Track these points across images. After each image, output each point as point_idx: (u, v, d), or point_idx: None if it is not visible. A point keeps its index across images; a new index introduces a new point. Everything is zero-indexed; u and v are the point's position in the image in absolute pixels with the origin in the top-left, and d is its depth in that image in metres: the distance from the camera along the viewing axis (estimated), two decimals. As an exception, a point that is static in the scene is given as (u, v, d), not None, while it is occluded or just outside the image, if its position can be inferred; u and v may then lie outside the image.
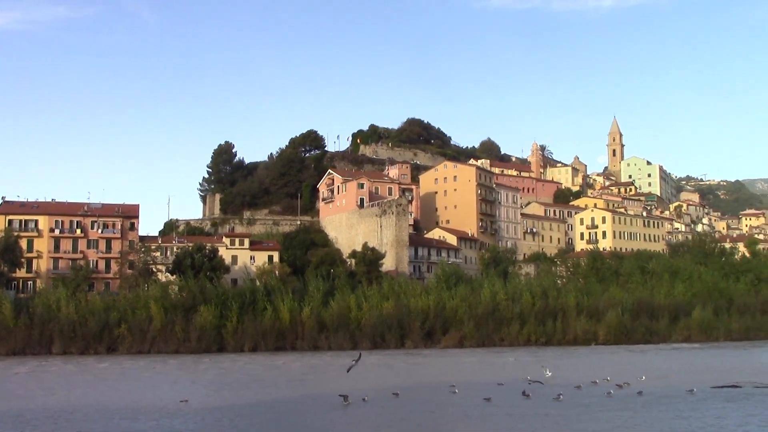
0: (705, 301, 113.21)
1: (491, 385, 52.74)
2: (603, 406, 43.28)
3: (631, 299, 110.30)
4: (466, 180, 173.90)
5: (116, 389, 55.81)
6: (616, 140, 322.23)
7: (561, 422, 38.57)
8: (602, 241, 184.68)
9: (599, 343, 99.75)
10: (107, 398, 49.38)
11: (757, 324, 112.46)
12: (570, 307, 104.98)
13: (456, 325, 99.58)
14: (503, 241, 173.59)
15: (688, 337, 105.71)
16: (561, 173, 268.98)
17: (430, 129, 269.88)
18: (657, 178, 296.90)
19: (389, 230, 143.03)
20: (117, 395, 51.56)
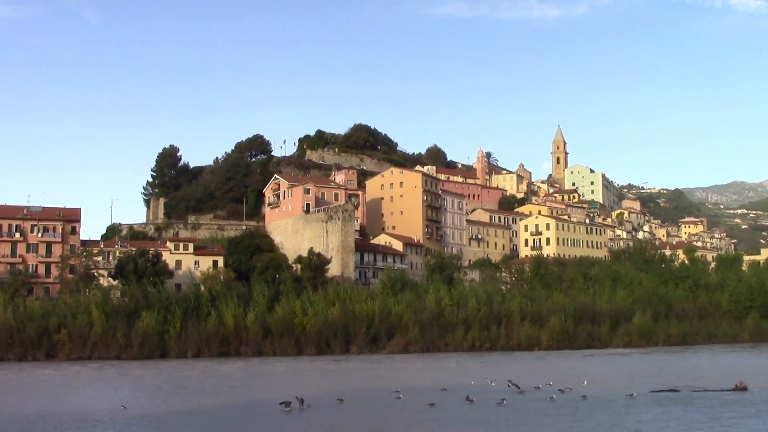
0: (645, 306, 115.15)
1: (435, 390, 52.93)
2: (545, 411, 43.73)
3: (573, 305, 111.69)
4: (412, 186, 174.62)
5: (54, 396, 54.62)
6: (560, 148, 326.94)
7: (503, 427, 38.89)
8: (546, 248, 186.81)
9: (542, 348, 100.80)
10: (44, 406, 48.28)
11: (694, 329, 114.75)
12: (514, 313, 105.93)
13: (401, 331, 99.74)
14: (449, 247, 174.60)
15: (629, 342, 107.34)
16: (506, 180, 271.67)
17: (376, 135, 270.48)
18: (600, 186, 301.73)
19: (335, 236, 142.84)
20: (55, 402, 50.45)
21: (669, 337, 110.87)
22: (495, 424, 39.60)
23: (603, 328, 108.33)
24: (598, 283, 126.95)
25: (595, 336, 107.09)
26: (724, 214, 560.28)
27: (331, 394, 50.63)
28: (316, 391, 54.76)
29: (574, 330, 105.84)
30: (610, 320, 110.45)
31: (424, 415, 42.77)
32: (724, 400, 48.49)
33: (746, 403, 47.06)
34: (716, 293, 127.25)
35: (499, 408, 44.77)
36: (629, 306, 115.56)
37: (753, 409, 44.55)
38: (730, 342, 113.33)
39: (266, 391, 56.24)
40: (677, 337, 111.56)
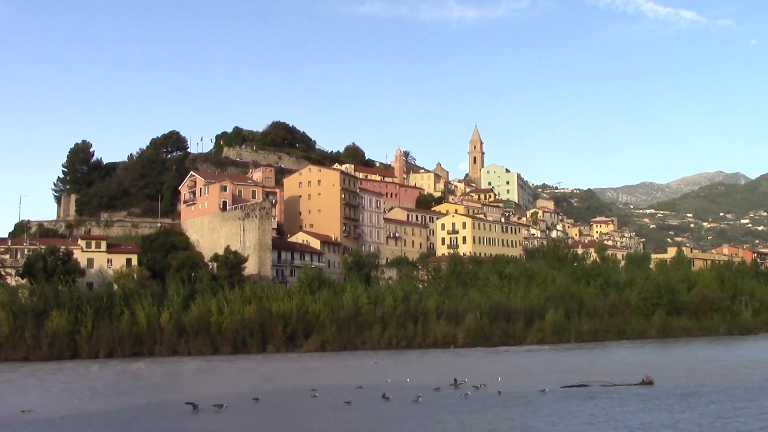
0: (558, 304, 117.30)
1: (352, 388, 53.07)
2: (460, 407, 44.31)
3: (489, 303, 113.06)
4: (330, 184, 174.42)
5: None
6: (476, 148, 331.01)
7: (419, 424, 39.25)
8: (462, 246, 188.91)
9: (458, 345, 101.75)
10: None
11: (605, 326, 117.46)
12: (430, 311, 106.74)
13: (318, 330, 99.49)
14: (366, 245, 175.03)
15: (542, 339, 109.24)
16: (423, 179, 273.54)
17: (295, 133, 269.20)
18: (515, 186, 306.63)
19: (252, 234, 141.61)
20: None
21: (581, 334, 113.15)
22: (411, 422, 39.94)
23: (517, 326, 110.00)
24: (513, 281, 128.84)
25: (509, 333, 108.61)
26: (633, 214, 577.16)
27: (247, 394, 50.29)
28: (232, 390, 54.34)
29: (490, 327, 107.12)
30: (524, 317, 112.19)
31: (341, 414, 42.87)
32: (631, 393, 50.01)
33: (651, 396, 48.65)
34: (625, 291, 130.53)
35: (415, 405, 45.17)
36: (543, 303, 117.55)
37: (657, 402, 46.08)
38: (638, 338, 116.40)
39: (179, 392, 55.43)
40: (588, 333, 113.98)
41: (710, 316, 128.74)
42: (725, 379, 58.30)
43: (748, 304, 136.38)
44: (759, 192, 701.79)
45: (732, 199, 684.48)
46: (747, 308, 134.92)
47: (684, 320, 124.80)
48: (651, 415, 41.19)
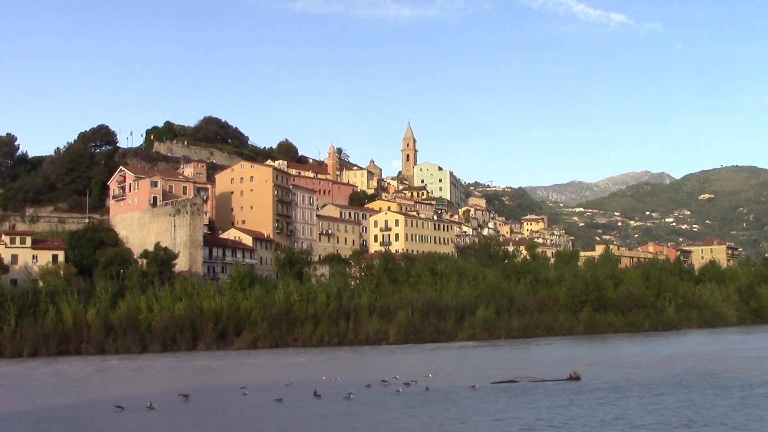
0: (489, 301, 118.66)
1: (283, 386, 52.88)
2: (391, 404, 44.52)
3: (421, 300, 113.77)
4: (263, 181, 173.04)
5: None
6: (410, 146, 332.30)
7: (349, 421, 39.32)
8: (395, 243, 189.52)
9: (390, 342, 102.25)
10: None
11: (534, 322, 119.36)
12: (363, 308, 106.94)
13: (250, 327, 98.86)
14: (299, 242, 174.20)
15: (473, 336, 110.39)
16: (357, 176, 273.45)
17: (227, 128, 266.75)
18: (447, 184, 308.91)
19: (183, 230, 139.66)
20: None
21: (511, 330, 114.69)
22: (341, 419, 39.98)
23: (449, 322, 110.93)
24: (445, 278, 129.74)
25: (441, 330, 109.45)
26: (563, 212, 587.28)
27: (177, 392, 49.67)
28: (161, 389, 53.60)
29: (421, 324, 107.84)
30: (455, 314, 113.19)
31: (271, 411, 42.68)
32: (559, 389, 50.91)
33: (578, 391, 49.62)
34: (555, 288, 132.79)
35: (346, 402, 45.22)
36: (474, 300, 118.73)
37: (584, 396, 47.01)
38: (567, 334, 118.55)
39: (107, 392, 54.48)
40: (518, 329, 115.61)
41: (636, 313, 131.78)
42: (650, 374, 59.79)
43: (672, 300, 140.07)
44: (683, 191, 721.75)
45: (657, 199, 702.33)
46: (670, 304, 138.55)
47: (611, 316, 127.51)
48: (577, 409, 42.00)
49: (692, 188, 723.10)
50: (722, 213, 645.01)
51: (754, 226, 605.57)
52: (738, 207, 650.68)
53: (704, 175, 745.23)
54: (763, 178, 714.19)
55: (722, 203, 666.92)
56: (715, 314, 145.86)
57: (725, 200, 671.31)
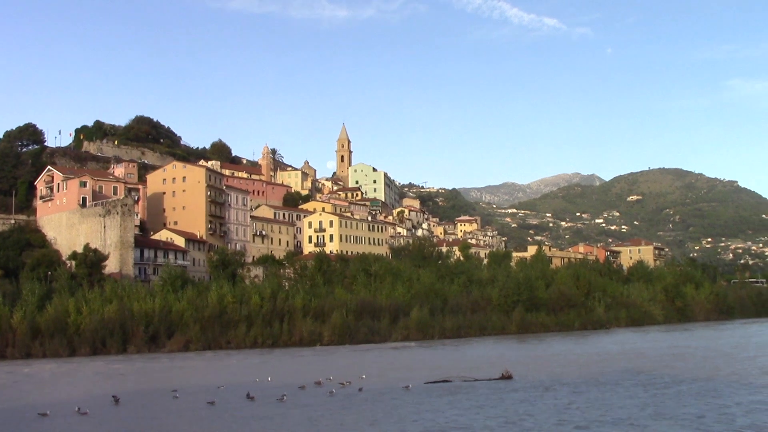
0: (423, 301, 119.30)
1: (216, 388, 52.39)
2: (324, 405, 44.48)
3: (355, 300, 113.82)
4: (196, 181, 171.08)
5: None
6: (344, 147, 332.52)
7: (282, 423, 39.16)
8: (329, 245, 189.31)
9: (324, 343, 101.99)
10: None
11: (468, 322, 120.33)
12: (297, 309, 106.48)
13: (182, 329, 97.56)
14: (232, 243, 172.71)
15: (407, 336, 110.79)
16: (291, 177, 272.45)
17: (159, 128, 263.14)
18: (382, 185, 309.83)
19: (113, 231, 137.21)
20: None
21: (444, 330, 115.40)
22: (273, 421, 39.81)
23: (383, 323, 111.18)
24: (379, 279, 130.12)
25: (375, 330, 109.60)
26: (496, 213, 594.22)
27: (106, 396, 48.79)
28: (90, 393, 52.60)
29: (356, 325, 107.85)
30: (389, 315, 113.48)
31: (203, 414, 42.26)
32: (491, 387, 51.53)
33: (510, 389, 50.30)
34: (487, 288, 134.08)
35: (279, 404, 45.04)
36: (408, 301, 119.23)
37: (516, 395, 47.67)
38: (499, 333, 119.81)
39: (33, 396, 53.18)
40: (452, 330, 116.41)
41: (566, 312, 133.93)
42: (580, 372, 60.91)
43: (601, 300, 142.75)
44: (612, 193, 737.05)
45: (588, 200, 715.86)
46: (600, 304, 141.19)
47: (542, 316, 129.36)
48: (508, 407, 42.56)
49: (621, 190, 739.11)
50: (649, 214, 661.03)
51: (680, 227, 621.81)
52: (664, 208, 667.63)
53: (632, 177, 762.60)
54: (689, 180, 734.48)
55: (650, 205, 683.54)
56: (642, 313, 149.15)
57: (652, 202, 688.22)
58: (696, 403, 42.98)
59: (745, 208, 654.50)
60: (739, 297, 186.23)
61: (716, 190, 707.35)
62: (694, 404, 42.50)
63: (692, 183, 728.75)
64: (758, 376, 56.98)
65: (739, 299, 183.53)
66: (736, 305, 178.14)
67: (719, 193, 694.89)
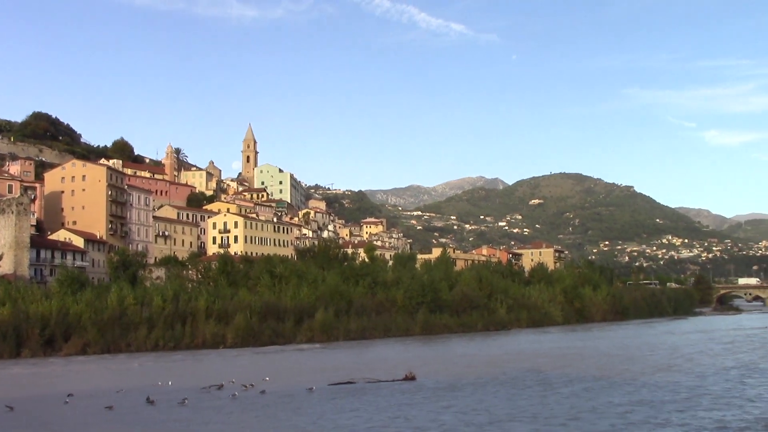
0: (328, 303, 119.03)
1: (114, 392, 51.24)
2: (227, 408, 44.05)
3: (259, 302, 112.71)
4: (96, 180, 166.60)
5: None
6: (250, 147, 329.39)
7: (183, 427, 38.64)
8: (234, 246, 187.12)
9: (228, 346, 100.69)
10: None
11: (372, 324, 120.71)
12: (200, 311, 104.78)
13: (79, 332, 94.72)
14: (134, 244, 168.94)
15: (312, 338, 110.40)
16: (195, 177, 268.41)
17: (58, 125, 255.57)
18: (288, 186, 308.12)
19: (8, 231, 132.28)
20: None
21: (349, 332, 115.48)
22: (174, 425, 39.24)
23: (287, 325, 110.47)
24: (284, 280, 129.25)
25: (279, 332, 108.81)
26: (401, 216, 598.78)
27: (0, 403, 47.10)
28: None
29: (260, 327, 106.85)
30: (294, 317, 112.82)
31: (100, 419, 41.28)
32: (395, 388, 51.99)
33: (413, 390, 50.85)
34: (392, 290, 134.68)
35: (180, 408, 44.39)
36: (313, 302, 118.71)
37: (418, 395, 48.23)
38: (403, 335, 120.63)
39: None
40: (356, 331, 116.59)
41: (469, 313, 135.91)
42: (481, 372, 62.01)
43: (503, 301, 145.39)
44: (515, 197, 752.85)
45: (491, 203, 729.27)
46: (502, 305, 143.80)
47: (446, 317, 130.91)
48: (411, 408, 43.02)
49: (523, 194, 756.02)
50: (551, 218, 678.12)
51: (579, 230, 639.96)
52: (565, 212, 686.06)
53: (535, 181, 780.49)
54: (588, 185, 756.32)
55: (551, 208, 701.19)
56: (542, 314, 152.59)
57: (553, 205, 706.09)
58: (582, 403, 44.21)
59: (641, 213, 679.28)
60: (634, 298, 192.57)
61: (614, 195, 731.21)
62: (582, 404, 43.75)
63: (591, 188, 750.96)
64: (650, 374, 59.16)
65: (633, 300, 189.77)
66: (630, 306, 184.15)
67: (616, 198, 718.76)
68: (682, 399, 44.45)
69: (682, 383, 52.36)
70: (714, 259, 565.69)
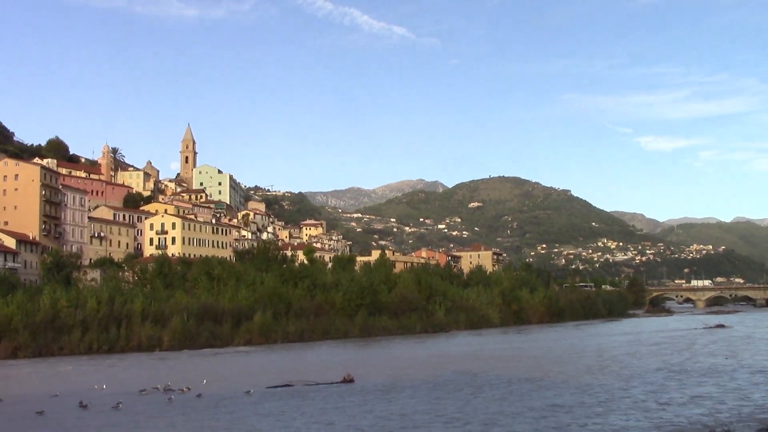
0: (266, 305, 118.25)
1: (46, 397, 50.16)
2: (162, 412, 43.52)
3: (196, 304, 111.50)
4: (29, 180, 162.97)
5: None
6: (189, 147, 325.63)
7: (116, 430, 38.06)
8: (172, 247, 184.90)
9: (164, 348, 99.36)
10: None
11: (311, 326, 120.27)
12: (136, 313, 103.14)
13: (9, 335, 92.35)
14: (68, 245, 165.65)
15: (250, 341, 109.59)
16: (133, 177, 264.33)
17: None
18: (227, 187, 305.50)
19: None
20: None
21: (287, 335, 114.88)
22: (107, 429, 38.61)
23: (225, 327, 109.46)
24: (222, 282, 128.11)
25: (217, 335, 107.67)
26: (341, 218, 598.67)
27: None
28: None
29: (197, 329, 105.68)
30: (232, 319, 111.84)
31: (30, 424, 40.38)
32: (333, 391, 51.95)
33: (351, 393, 50.88)
34: (331, 292, 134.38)
35: (114, 412, 43.68)
36: (251, 305, 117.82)
37: (356, 398, 48.27)
38: (342, 337, 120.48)
39: None
40: (295, 334, 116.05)
41: (408, 316, 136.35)
42: (418, 374, 62.31)
43: (442, 303, 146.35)
44: (454, 200, 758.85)
45: (431, 206, 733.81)
46: (440, 307, 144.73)
47: (385, 320, 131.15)
48: (349, 410, 43.05)
49: (463, 197, 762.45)
50: (489, 221, 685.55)
51: (517, 233, 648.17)
52: (503, 215, 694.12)
53: (474, 184, 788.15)
54: (526, 188, 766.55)
55: (489, 211, 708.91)
56: (480, 316, 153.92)
57: (492, 209, 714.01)
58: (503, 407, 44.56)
59: (577, 216, 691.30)
60: (570, 300, 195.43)
61: (551, 198, 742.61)
62: (503, 408, 44.15)
63: (529, 191, 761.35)
64: (577, 377, 60.11)
65: (569, 302, 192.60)
66: (566, 308, 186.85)
67: (554, 202, 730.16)
68: (599, 403, 44.58)
69: (606, 386, 52.90)
70: (647, 262, 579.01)
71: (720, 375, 59.62)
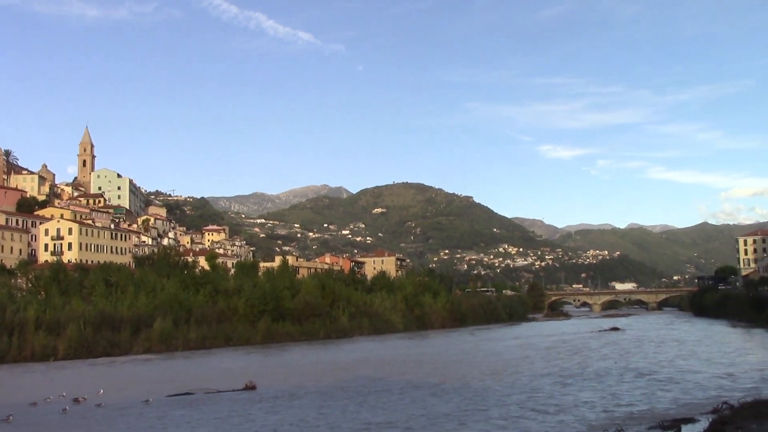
0: (166, 312, 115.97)
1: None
2: (57, 423, 42.37)
3: (93, 312, 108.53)
4: None
5: None
6: (87, 151, 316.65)
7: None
8: (68, 253, 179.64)
9: (59, 358, 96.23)
10: None
11: (213, 333, 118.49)
12: (29, 322, 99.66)
13: None
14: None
15: (149, 348, 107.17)
16: (27, 181, 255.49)
17: None
18: (127, 192, 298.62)
19: None
20: None
21: (188, 342, 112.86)
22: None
23: (123, 335, 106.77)
24: (121, 289, 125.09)
25: (115, 343, 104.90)
26: (245, 223, 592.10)
27: None
28: None
29: (94, 338, 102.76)
30: (131, 327, 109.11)
31: None
32: (235, 399, 51.54)
33: (253, 400, 50.58)
34: (234, 298, 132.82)
35: (4, 425, 42.22)
36: (151, 312, 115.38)
37: (258, 405, 48.03)
38: (245, 344, 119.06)
39: None
40: (196, 341, 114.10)
41: (312, 321, 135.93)
42: (321, 381, 62.35)
43: (345, 309, 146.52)
44: (358, 206, 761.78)
45: (335, 212, 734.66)
46: (344, 313, 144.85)
47: (288, 326, 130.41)
48: (251, 418, 42.83)
49: (367, 203, 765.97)
50: (393, 226, 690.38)
51: (421, 239, 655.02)
52: (407, 221, 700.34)
53: (378, 190, 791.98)
54: (429, 195, 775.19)
55: (393, 217, 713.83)
56: (384, 322, 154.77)
57: (396, 214, 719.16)
58: (372, 417, 45.23)
59: (479, 222, 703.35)
60: (472, 305, 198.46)
61: (454, 204, 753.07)
62: (372, 418, 44.67)
63: (432, 198, 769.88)
64: (479, 379, 61.27)
65: (471, 307, 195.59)
66: (468, 313, 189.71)
67: (456, 208, 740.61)
68: (474, 410, 44.60)
69: (499, 391, 53.73)
70: (547, 267, 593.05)
71: (611, 377, 61.73)
